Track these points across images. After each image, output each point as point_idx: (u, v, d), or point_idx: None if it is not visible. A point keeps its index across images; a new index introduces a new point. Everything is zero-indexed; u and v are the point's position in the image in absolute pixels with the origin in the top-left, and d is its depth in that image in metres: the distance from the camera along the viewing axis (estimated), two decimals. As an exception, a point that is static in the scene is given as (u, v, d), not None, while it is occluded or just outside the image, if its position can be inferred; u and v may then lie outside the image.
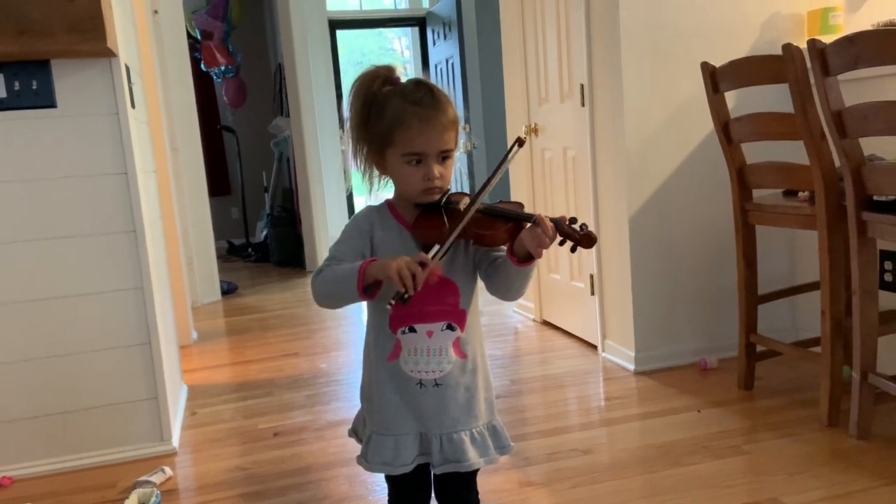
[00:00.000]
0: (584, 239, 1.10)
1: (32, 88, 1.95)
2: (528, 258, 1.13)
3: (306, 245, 5.53)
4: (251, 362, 3.20)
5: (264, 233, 6.28)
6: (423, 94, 1.14)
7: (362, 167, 1.20)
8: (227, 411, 2.58)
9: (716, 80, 2.24)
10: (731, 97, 2.33)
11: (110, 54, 1.97)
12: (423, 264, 1.05)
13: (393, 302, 1.06)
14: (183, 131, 4.38)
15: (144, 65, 2.96)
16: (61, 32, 1.84)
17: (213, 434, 2.37)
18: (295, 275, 5.45)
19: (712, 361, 2.64)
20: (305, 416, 2.48)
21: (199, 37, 6.22)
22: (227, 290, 4.83)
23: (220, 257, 5.18)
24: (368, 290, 1.09)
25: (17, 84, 1.94)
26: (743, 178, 2.28)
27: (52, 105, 1.98)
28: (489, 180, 1.15)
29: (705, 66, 2.27)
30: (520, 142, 1.18)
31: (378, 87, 1.16)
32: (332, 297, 1.17)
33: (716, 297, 2.70)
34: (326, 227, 5.57)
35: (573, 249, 1.12)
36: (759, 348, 2.38)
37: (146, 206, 2.20)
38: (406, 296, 1.05)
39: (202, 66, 6.24)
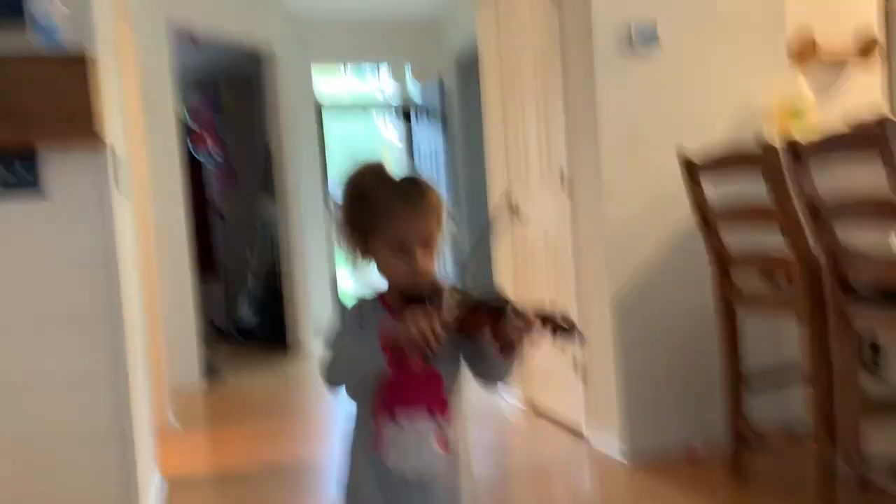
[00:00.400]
0: (565, 330, 1.10)
1: (18, 174, 1.96)
2: (510, 348, 1.12)
3: (290, 325, 5.47)
4: (230, 449, 3.11)
5: (248, 313, 6.22)
6: (409, 186, 1.17)
7: (348, 254, 1.21)
8: (202, 504, 2.49)
9: (693, 169, 2.30)
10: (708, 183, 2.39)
11: (99, 142, 1.99)
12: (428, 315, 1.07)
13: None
14: (169, 214, 4.40)
15: (134, 150, 3.00)
16: (50, 119, 1.86)
17: (185, 529, 2.27)
18: (278, 355, 5.37)
19: (701, 449, 2.59)
20: (284, 508, 2.39)
21: (189, 123, 6.34)
22: (209, 373, 4.73)
23: (202, 338, 5.11)
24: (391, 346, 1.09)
25: (1, 169, 1.94)
26: (723, 264, 2.31)
27: (38, 191, 1.98)
28: (479, 242, 1.18)
29: (682, 156, 2.32)
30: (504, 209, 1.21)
31: (367, 180, 1.19)
32: (348, 371, 1.15)
33: (703, 382, 2.67)
34: (310, 307, 5.54)
35: (556, 342, 1.12)
36: (747, 434, 2.34)
37: (127, 290, 2.18)
38: (428, 354, 1.09)
39: (192, 150, 6.33)
